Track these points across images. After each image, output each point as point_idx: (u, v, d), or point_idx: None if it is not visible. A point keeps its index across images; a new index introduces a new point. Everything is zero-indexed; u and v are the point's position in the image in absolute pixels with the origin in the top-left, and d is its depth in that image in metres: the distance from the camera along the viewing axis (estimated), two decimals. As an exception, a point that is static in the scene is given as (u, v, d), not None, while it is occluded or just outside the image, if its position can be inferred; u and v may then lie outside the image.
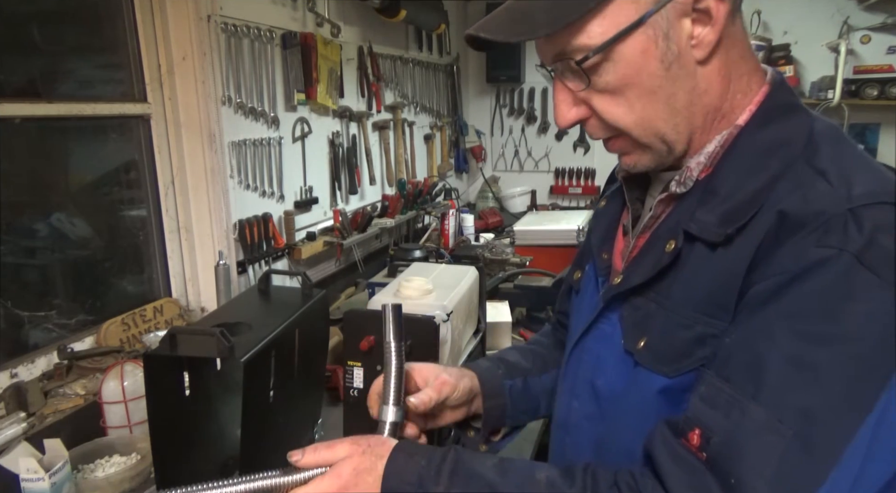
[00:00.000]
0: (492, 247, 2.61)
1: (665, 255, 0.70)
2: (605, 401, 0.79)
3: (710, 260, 0.67)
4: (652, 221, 0.77)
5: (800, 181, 0.63)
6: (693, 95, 0.68)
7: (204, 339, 1.06)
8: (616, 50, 0.65)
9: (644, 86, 0.67)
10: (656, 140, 0.70)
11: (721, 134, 0.70)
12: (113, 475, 1.25)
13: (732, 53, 0.68)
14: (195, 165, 1.84)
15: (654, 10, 0.63)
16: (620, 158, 0.76)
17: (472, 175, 4.13)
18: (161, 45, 1.76)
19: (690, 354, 0.67)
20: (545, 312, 2.09)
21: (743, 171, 0.67)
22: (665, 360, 0.69)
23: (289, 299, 1.36)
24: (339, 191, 2.54)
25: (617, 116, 0.69)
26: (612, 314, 0.78)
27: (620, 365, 0.76)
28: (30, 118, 1.48)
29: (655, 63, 0.65)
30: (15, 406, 1.34)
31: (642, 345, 0.72)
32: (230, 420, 1.31)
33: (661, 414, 0.68)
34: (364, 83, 2.67)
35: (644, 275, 0.72)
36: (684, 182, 0.72)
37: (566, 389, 0.86)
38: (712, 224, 0.66)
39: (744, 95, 0.70)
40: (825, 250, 0.58)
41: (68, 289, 1.64)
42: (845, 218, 0.58)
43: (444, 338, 1.12)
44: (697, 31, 0.65)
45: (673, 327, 0.69)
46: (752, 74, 0.71)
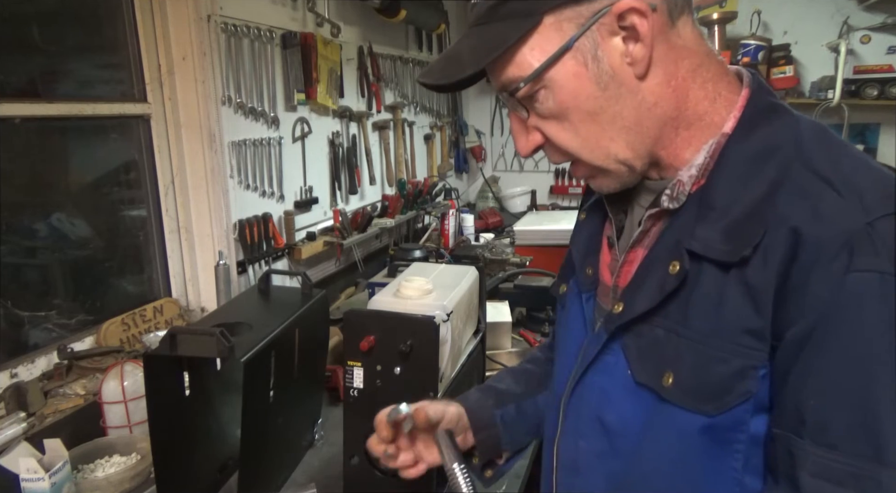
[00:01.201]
0: (492, 247, 2.61)
1: (670, 277, 0.67)
2: (619, 437, 0.74)
3: (727, 283, 0.63)
4: (642, 235, 0.74)
5: (804, 190, 0.61)
6: (640, 110, 0.67)
7: (204, 339, 1.06)
8: (549, 77, 0.66)
9: (584, 109, 0.67)
10: (611, 161, 0.70)
11: (708, 144, 0.68)
12: (113, 475, 1.25)
13: (684, 63, 0.67)
14: (195, 165, 1.84)
15: (578, 35, 0.64)
16: (588, 182, 0.76)
17: (472, 175, 4.13)
18: (161, 45, 1.76)
19: (732, 389, 0.63)
20: (545, 312, 2.09)
21: (737, 180, 0.65)
22: (704, 397, 0.65)
23: (289, 299, 1.36)
24: (339, 191, 2.54)
25: (564, 140, 0.70)
26: (612, 344, 0.74)
27: (633, 398, 0.71)
28: (30, 118, 1.48)
29: (590, 85, 0.65)
30: (15, 406, 1.34)
31: (671, 381, 0.67)
32: (230, 420, 1.32)
33: (700, 454, 0.66)
34: (364, 83, 2.67)
35: (650, 301, 0.69)
36: (676, 197, 0.69)
37: (569, 429, 0.81)
38: (716, 241, 0.64)
39: (712, 102, 0.68)
40: (862, 274, 0.56)
41: (68, 289, 1.64)
42: (868, 234, 0.56)
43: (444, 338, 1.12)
44: (630, 48, 0.64)
45: (706, 360, 0.64)
46: (717, 80, 0.69)
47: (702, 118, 0.69)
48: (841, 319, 0.57)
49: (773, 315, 0.60)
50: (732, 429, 0.64)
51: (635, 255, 0.75)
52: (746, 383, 0.62)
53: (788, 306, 0.60)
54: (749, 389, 0.62)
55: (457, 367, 1.25)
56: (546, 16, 0.64)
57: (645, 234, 0.74)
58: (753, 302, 0.61)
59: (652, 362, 0.69)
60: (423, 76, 0.73)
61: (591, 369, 0.77)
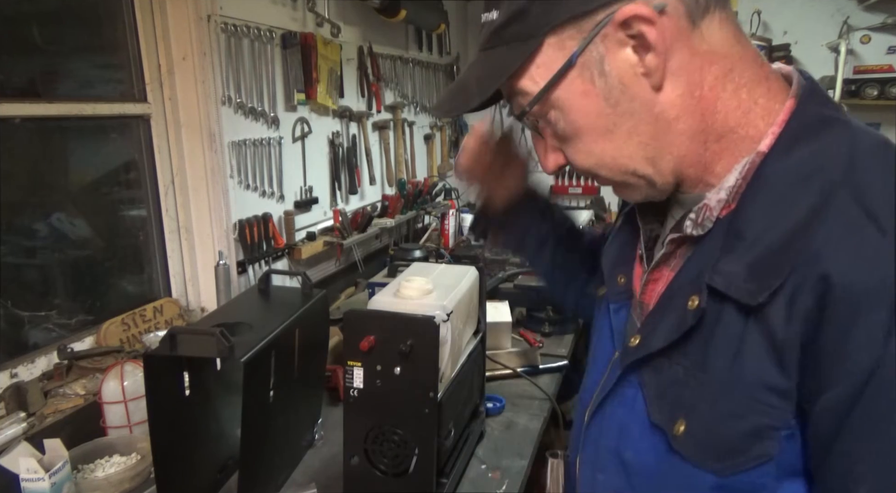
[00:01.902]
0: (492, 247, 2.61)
1: (689, 313, 0.61)
2: (637, 476, 0.69)
3: (748, 328, 0.57)
4: (666, 257, 0.70)
5: (845, 226, 0.53)
6: (660, 124, 0.61)
7: (204, 339, 1.06)
8: (557, 98, 0.63)
9: (597, 127, 0.63)
10: (630, 177, 0.66)
11: (741, 163, 0.61)
12: (113, 475, 1.25)
13: (711, 70, 0.60)
14: (195, 165, 1.83)
15: (578, 51, 0.60)
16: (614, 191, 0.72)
17: (472, 175, 4.12)
18: (161, 45, 1.76)
19: (746, 450, 0.58)
20: (545, 312, 2.09)
21: (771, 206, 0.57)
22: (714, 454, 0.60)
23: (289, 299, 1.36)
24: (339, 191, 2.54)
25: (581, 161, 0.67)
26: (631, 376, 0.70)
27: (649, 437, 0.67)
28: (30, 118, 1.48)
29: (600, 102, 0.61)
30: (15, 406, 1.34)
31: (682, 430, 0.62)
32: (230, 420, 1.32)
33: None
34: (364, 83, 2.67)
35: (666, 338, 0.64)
36: (702, 223, 0.64)
37: (588, 459, 0.77)
38: (739, 277, 0.57)
39: (746, 112, 0.61)
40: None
41: (68, 289, 1.64)
42: None
43: (444, 338, 1.12)
44: (642, 57, 0.59)
45: (720, 414, 0.59)
46: (754, 87, 0.62)
47: (734, 131, 0.62)
48: (887, 390, 0.50)
49: (801, 373, 0.54)
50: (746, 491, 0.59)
51: (660, 274, 0.71)
52: (764, 445, 0.57)
53: (821, 367, 0.53)
54: (767, 451, 0.57)
55: (457, 367, 1.25)
56: (548, 36, 0.61)
57: (670, 256, 0.70)
58: (777, 356, 0.55)
59: (668, 403, 0.64)
60: (435, 109, 0.76)
61: (610, 400, 0.73)
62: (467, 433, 1.37)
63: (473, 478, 1.32)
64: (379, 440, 1.13)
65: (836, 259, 0.52)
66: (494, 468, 1.35)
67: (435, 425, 1.10)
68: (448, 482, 1.21)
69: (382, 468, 1.14)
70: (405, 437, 1.11)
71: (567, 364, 1.86)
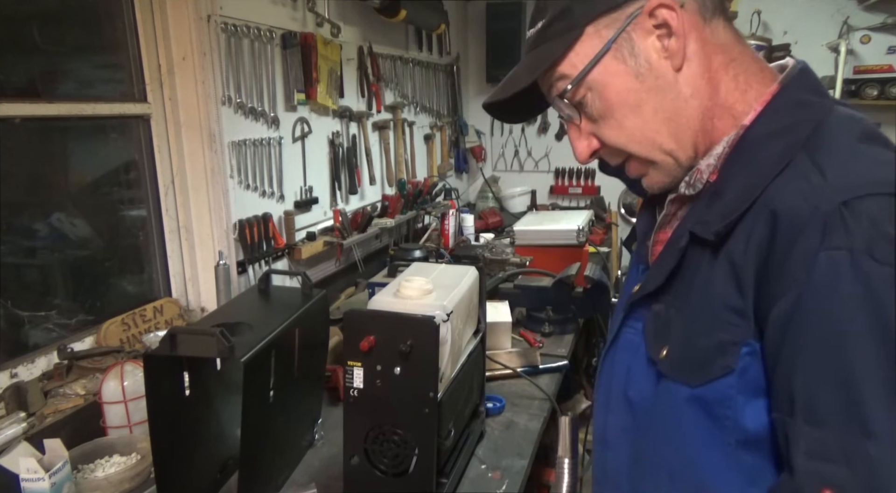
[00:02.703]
0: (492, 247, 2.61)
1: (674, 256, 0.73)
2: (639, 413, 0.78)
3: (716, 263, 0.68)
4: (666, 218, 0.80)
5: (795, 174, 0.64)
6: (679, 101, 0.72)
7: (204, 339, 1.06)
8: (594, 79, 0.73)
9: (627, 103, 0.72)
10: (659, 153, 0.74)
11: (729, 135, 0.72)
12: (113, 475, 1.25)
13: (717, 58, 0.72)
14: (195, 165, 1.83)
15: (615, 36, 0.71)
16: (642, 182, 0.80)
17: (472, 175, 4.13)
18: (161, 45, 1.76)
19: (711, 362, 0.67)
20: (545, 312, 2.09)
21: (743, 167, 0.69)
22: (687, 369, 0.69)
23: (289, 299, 1.36)
24: (339, 191, 2.54)
25: (613, 138, 0.75)
26: (636, 323, 0.80)
27: (648, 375, 0.76)
28: (30, 118, 1.48)
29: (630, 80, 0.71)
30: (15, 406, 1.34)
31: (664, 354, 0.72)
32: (230, 420, 1.32)
33: (693, 426, 0.69)
34: (364, 83, 2.67)
35: (659, 279, 0.74)
36: (693, 184, 0.75)
37: (601, 403, 0.87)
38: (713, 223, 0.68)
39: (743, 93, 0.72)
40: (832, 253, 0.58)
41: (68, 289, 1.64)
42: (840, 213, 0.58)
43: (444, 338, 1.12)
44: (665, 43, 0.70)
45: (692, 335, 0.69)
46: (750, 74, 0.73)
47: (732, 108, 0.73)
48: (815, 297, 0.59)
49: (756, 294, 0.63)
50: (719, 403, 0.67)
51: (664, 235, 0.81)
52: (726, 358, 0.65)
53: (770, 284, 0.62)
54: (728, 363, 0.65)
55: (457, 367, 1.25)
56: (587, 27, 0.71)
57: (671, 217, 0.80)
58: (736, 280, 0.65)
59: (659, 339, 0.74)
60: (487, 100, 0.81)
61: (617, 345, 0.83)
62: (467, 433, 1.37)
63: (473, 478, 1.32)
64: (379, 440, 1.13)
65: (783, 198, 0.63)
66: (494, 468, 1.35)
67: (435, 425, 1.10)
68: (448, 482, 1.21)
69: (382, 468, 1.14)
70: (405, 437, 1.11)
71: (567, 364, 1.86)
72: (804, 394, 0.59)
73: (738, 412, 0.66)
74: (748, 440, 0.66)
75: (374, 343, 1.08)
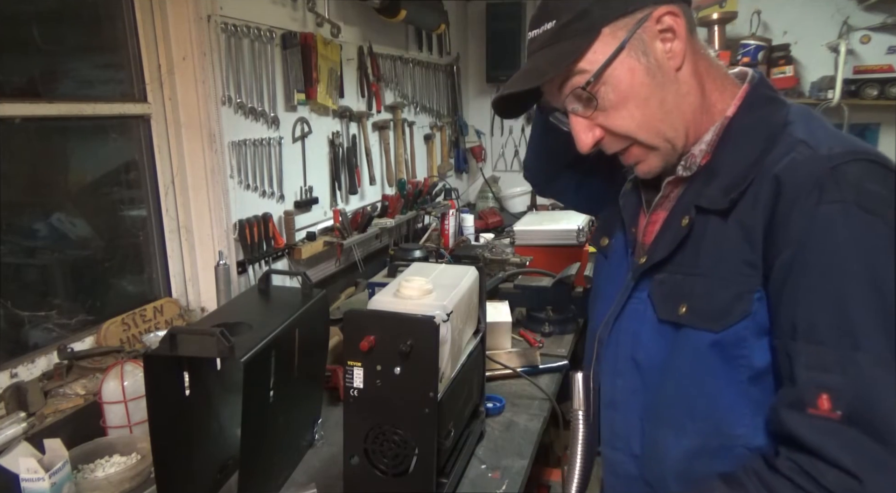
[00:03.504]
0: (492, 247, 2.61)
1: (681, 229, 0.84)
2: (647, 373, 0.89)
3: (728, 227, 0.80)
4: (662, 200, 0.92)
5: (786, 149, 0.77)
6: (678, 96, 0.84)
7: (204, 339, 1.07)
8: (610, 74, 0.82)
9: (639, 96, 0.83)
10: (660, 140, 0.85)
11: (715, 125, 0.86)
12: (113, 475, 1.25)
13: (701, 63, 0.86)
14: (195, 165, 1.83)
15: (629, 36, 0.81)
16: (636, 168, 0.90)
17: (472, 175, 4.13)
18: (161, 45, 1.76)
19: (732, 310, 0.78)
20: (545, 312, 2.09)
21: (735, 149, 0.83)
22: (710, 318, 0.80)
23: (289, 299, 1.36)
24: (339, 191, 2.54)
25: (623, 126, 0.85)
26: (640, 293, 0.91)
27: (658, 337, 0.87)
28: (30, 118, 1.48)
29: (642, 75, 0.82)
30: (15, 406, 1.34)
31: (685, 310, 0.82)
32: (230, 420, 1.32)
33: (714, 367, 0.80)
34: (364, 83, 2.67)
35: (666, 250, 0.86)
36: (689, 167, 0.88)
37: (608, 369, 0.96)
38: (718, 197, 0.81)
39: (720, 93, 0.87)
40: (830, 205, 0.71)
41: (68, 289, 1.64)
42: (832, 174, 0.72)
43: (444, 338, 1.12)
44: (668, 46, 0.82)
45: (712, 289, 0.80)
46: (723, 78, 0.88)
47: (714, 105, 0.87)
48: (816, 242, 0.71)
49: (764, 247, 0.76)
50: (736, 345, 0.78)
51: (658, 217, 0.93)
52: (743, 304, 0.77)
53: (776, 238, 0.75)
54: (746, 309, 0.77)
55: (457, 367, 1.25)
56: (604, 28, 0.81)
57: (665, 198, 0.92)
58: (748, 238, 0.77)
59: (671, 300, 0.85)
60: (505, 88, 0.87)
61: (624, 315, 0.93)
62: (467, 433, 1.37)
63: (473, 478, 1.32)
64: (379, 440, 1.13)
65: (781, 166, 0.76)
66: (494, 468, 1.35)
67: (435, 425, 1.10)
68: (448, 482, 1.21)
69: (382, 468, 1.14)
70: (405, 437, 1.11)
71: (567, 364, 1.86)
72: (805, 319, 0.71)
73: (751, 351, 0.78)
74: (757, 376, 0.78)
75: (374, 343, 1.08)
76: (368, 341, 1.07)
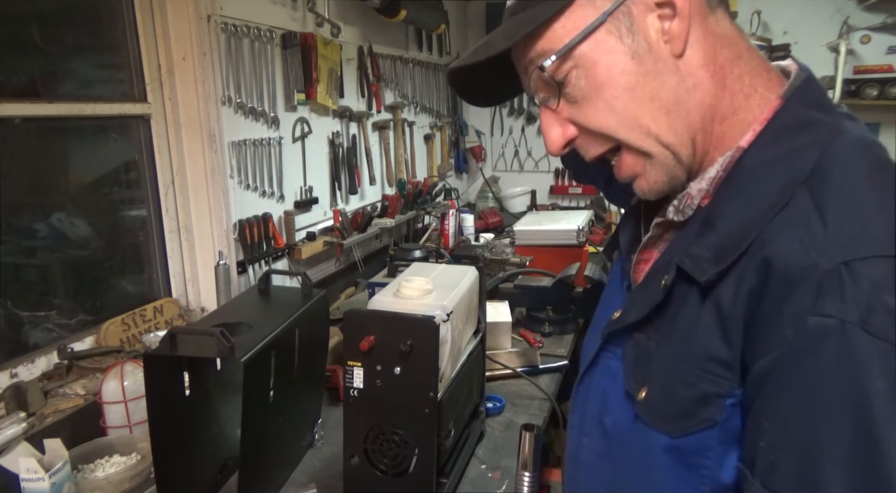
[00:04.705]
0: (492, 247, 2.61)
1: (658, 291, 0.66)
2: (614, 441, 0.74)
3: (705, 306, 0.62)
4: (652, 240, 0.74)
5: (794, 217, 0.57)
6: (680, 90, 0.63)
7: (204, 339, 1.06)
8: (582, 54, 0.64)
9: (619, 83, 0.63)
10: (652, 142, 0.65)
11: (725, 156, 0.65)
12: (113, 475, 1.25)
13: (723, 51, 0.65)
14: (195, 165, 1.83)
15: (612, 8, 0.62)
16: (634, 185, 0.70)
17: (472, 175, 4.13)
18: (161, 45, 1.76)
19: (694, 414, 0.62)
20: (545, 312, 2.09)
21: (740, 200, 0.62)
22: (667, 418, 0.65)
23: (289, 299, 1.36)
24: (339, 191, 2.54)
25: (599, 120, 0.66)
26: (616, 349, 0.74)
27: (624, 405, 0.71)
28: (30, 118, 1.48)
29: (625, 58, 0.63)
30: (15, 406, 1.34)
31: (643, 396, 0.67)
32: (230, 420, 1.32)
33: (668, 473, 0.65)
34: (364, 83, 2.67)
35: (638, 313, 0.69)
36: (683, 210, 0.68)
37: (576, 423, 0.83)
38: (706, 261, 0.61)
39: (747, 97, 0.65)
40: (823, 319, 0.52)
41: (68, 289, 1.64)
42: (839, 275, 0.52)
43: (444, 338, 1.12)
44: (666, 25, 0.63)
45: (673, 382, 0.64)
46: (756, 75, 0.65)
47: (736, 113, 0.65)
48: (797, 362, 0.54)
49: (744, 345, 0.59)
50: (697, 454, 0.63)
51: (650, 255, 0.75)
52: (710, 410, 0.61)
53: (757, 338, 0.57)
54: (712, 416, 0.61)
55: (457, 367, 1.25)
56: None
57: (658, 239, 0.74)
58: (723, 330, 0.60)
59: (639, 373, 0.69)
60: (456, 63, 0.71)
61: (595, 370, 0.78)
62: (467, 433, 1.37)
63: (473, 478, 1.32)
64: (379, 440, 1.13)
65: (779, 245, 0.56)
66: (494, 468, 1.35)
67: (435, 425, 1.10)
68: (448, 482, 1.21)
69: (382, 468, 1.14)
70: (405, 437, 1.11)
71: (567, 364, 1.86)
72: (765, 457, 0.56)
73: (716, 462, 0.62)
74: (722, 489, 0.63)
75: (374, 343, 1.08)
76: (368, 341, 1.07)
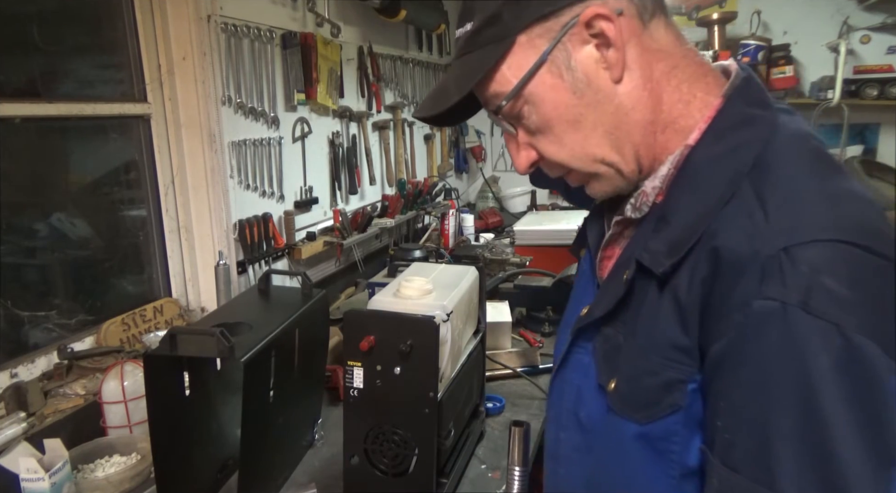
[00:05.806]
0: (492, 247, 2.61)
1: (621, 285, 0.70)
2: (590, 434, 0.77)
3: (664, 297, 0.65)
4: (613, 238, 0.78)
5: (739, 209, 0.61)
6: (619, 114, 0.68)
7: (204, 339, 1.06)
8: (530, 92, 0.68)
9: (565, 118, 0.68)
10: (600, 165, 0.70)
11: (674, 154, 0.69)
12: (113, 475, 1.25)
13: (659, 66, 0.68)
14: (195, 165, 1.83)
15: (549, 48, 0.66)
16: (587, 189, 0.76)
17: (472, 175, 4.13)
18: (161, 45, 1.76)
19: (659, 401, 0.66)
20: (545, 312, 2.09)
21: (690, 194, 0.66)
22: (635, 406, 0.68)
23: (289, 299, 1.36)
24: (339, 191, 2.54)
25: (552, 153, 0.72)
26: (586, 344, 0.77)
27: (598, 398, 0.74)
28: (30, 118, 1.48)
29: (567, 95, 0.67)
30: (15, 406, 1.34)
31: (613, 387, 0.71)
32: (230, 420, 1.32)
33: (640, 460, 0.68)
34: (364, 83, 2.67)
35: (604, 308, 0.72)
36: (639, 207, 0.72)
37: (552, 418, 0.85)
38: (662, 254, 0.65)
39: (686, 105, 0.69)
40: (766, 302, 0.55)
41: (68, 289, 1.64)
42: (779, 260, 0.55)
43: (444, 338, 1.12)
44: (603, 53, 0.66)
45: (640, 372, 0.67)
46: (693, 81, 0.69)
47: (676, 121, 0.69)
48: (745, 344, 0.57)
49: (700, 331, 0.62)
50: (664, 439, 0.66)
51: (613, 252, 0.79)
52: (674, 396, 0.64)
53: (711, 323, 0.60)
54: (676, 401, 0.64)
55: (457, 367, 1.25)
56: (519, 36, 0.67)
57: (619, 236, 0.78)
58: (681, 318, 0.63)
59: (609, 366, 0.72)
60: (417, 112, 0.77)
61: (568, 365, 0.81)
62: (467, 433, 1.37)
63: (473, 478, 1.32)
64: (379, 440, 1.13)
65: (726, 235, 0.60)
66: (494, 468, 1.35)
67: (435, 425, 1.10)
68: (448, 482, 1.21)
69: (382, 468, 1.14)
70: (405, 437, 1.11)
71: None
72: (723, 436, 0.59)
73: (683, 446, 0.65)
74: (691, 473, 0.65)
75: (374, 343, 1.08)
76: (368, 341, 1.07)
